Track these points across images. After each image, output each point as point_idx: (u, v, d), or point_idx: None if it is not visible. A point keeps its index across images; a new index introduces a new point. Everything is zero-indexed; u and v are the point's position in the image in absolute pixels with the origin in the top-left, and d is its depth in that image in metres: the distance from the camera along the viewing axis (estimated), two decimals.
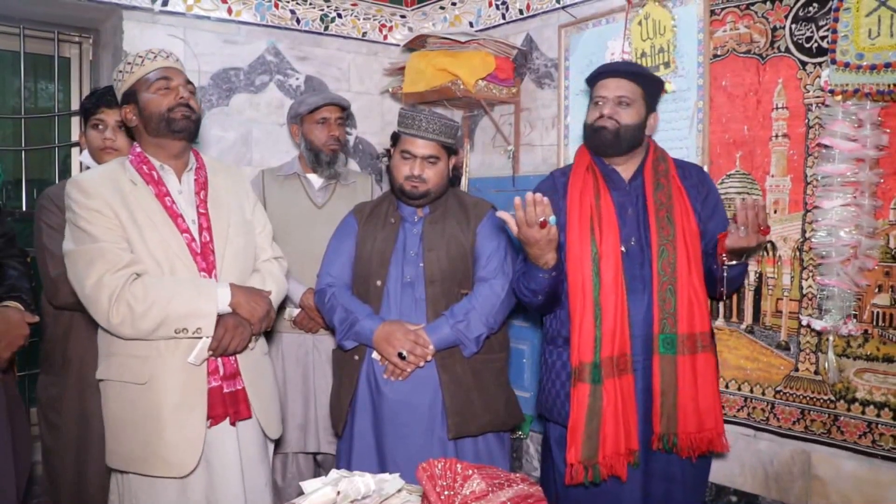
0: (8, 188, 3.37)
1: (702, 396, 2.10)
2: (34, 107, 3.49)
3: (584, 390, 2.09)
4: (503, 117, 3.44)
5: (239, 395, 2.10)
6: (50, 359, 2.50)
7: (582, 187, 2.23)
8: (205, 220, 2.11)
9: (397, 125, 2.46)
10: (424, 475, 1.36)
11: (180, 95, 2.05)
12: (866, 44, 2.11)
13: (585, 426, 2.08)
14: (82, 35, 3.42)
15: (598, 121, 2.20)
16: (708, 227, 2.20)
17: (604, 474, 2.08)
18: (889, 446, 2.19)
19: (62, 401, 2.45)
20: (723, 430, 2.12)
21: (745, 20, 2.50)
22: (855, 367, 2.26)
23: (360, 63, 3.73)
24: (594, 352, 2.10)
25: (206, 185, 2.17)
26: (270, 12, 3.41)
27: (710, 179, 2.35)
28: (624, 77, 2.21)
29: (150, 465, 2.00)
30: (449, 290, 2.43)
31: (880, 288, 2.21)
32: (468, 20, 3.57)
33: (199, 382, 2.02)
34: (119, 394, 2.04)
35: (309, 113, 2.94)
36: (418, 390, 2.38)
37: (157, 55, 2.10)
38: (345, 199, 2.97)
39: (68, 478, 2.45)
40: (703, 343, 2.11)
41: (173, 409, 1.99)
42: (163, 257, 2.01)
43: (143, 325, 1.93)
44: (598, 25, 2.96)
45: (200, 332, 1.98)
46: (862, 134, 2.18)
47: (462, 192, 2.62)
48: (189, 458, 2.00)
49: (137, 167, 2.07)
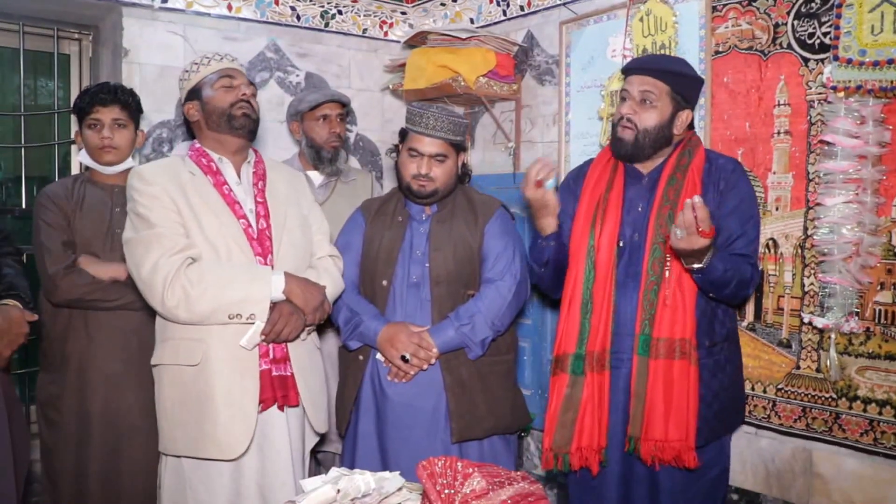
0: (8, 185, 3.37)
1: (675, 406, 2.03)
2: (34, 104, 3.48)
3: (564, 380, 2.13)
4: (504, 114, 3.43)
5: (288, 381, 2.12)
6: (48, 357, 2.49)
7: (597, 178, 2.23)
8: (262, 209, 2.16)
9: (405, 122, 2.43)
10: (424, 473, 1.36)
11: (242, 93, 2.13)
12: (869, 40, 2.10)
13: (560, 416, 2.11)
14: (82, 32, 3.41)
15: (619, 127, 2.17)
16: (723, 224, 2.10)
17: (575, 465, 2.10)
18: (891, 444, 2.18)
19: (61, 399, 2.44)
20: (693, 445, 2.03)
21: (747, 16, 2.49)
22: (857, 365, 2.25)
23: (361, 60, 3.71)
24: (577, 343, 2.12)
25: (265, 178, 2.23)
26: (270, 9, 3.40)
27: (741, 174, 2.19)
28: (649, 75, 2.15)
29: (202, 448, 2.02)
30: (455, 292, 2.39)
31: (882, 285, 2.20)
32: (469, 17, 3.56)
33: (251, 365, 2.05)
34: (173, 377, 2.06)
35: (310, 110, 2.94)
36: (422, 393, 2.35)
37: (224, 57, 2.18)
38: (345, 197, 2.96)
39: (68, 476, 2.45)
40: (684, 350, 2.04)
41: (226, 391, 2.01)
42: (220, 242, 2.05)
43: (197, 309, 1.96)
44: (599, 22, 2.95)
45: (253, 318, 2.00)
46: (864, 131, 2.16)
47: (471, 189, 2.57)
48: (240, 440, 2.01)
49: (196, 160, 2.15)
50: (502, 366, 2.45)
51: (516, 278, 2.38)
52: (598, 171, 2.27)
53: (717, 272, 1.98)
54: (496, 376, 2.43)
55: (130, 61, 3.11)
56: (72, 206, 2.46)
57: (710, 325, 2.13)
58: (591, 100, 2.96)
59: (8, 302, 2.06)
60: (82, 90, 2.62)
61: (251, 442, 2.03)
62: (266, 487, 2.08)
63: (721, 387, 2.14)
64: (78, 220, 2.46)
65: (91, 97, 2.49)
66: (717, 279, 2.00)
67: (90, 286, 2.39)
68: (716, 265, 1.98)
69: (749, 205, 2.16)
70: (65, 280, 2.36)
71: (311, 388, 2.17)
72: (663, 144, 2.18)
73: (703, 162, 2.16)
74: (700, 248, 1.89)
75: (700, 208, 1.83)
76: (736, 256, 2.07)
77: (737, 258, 2.07)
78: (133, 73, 3.11)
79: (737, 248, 2.10)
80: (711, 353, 2.13)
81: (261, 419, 2.07)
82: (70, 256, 2.41)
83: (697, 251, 1.91)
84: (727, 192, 2.13)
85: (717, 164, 2.18)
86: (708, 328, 2.12)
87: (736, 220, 2.11)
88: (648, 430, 2.05)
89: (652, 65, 2.20)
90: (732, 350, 2.23)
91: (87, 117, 2.50)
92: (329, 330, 2.86)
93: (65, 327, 2.43)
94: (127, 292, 2.38)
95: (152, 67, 3.15)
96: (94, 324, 2.45)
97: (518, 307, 2.43)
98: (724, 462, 2.24)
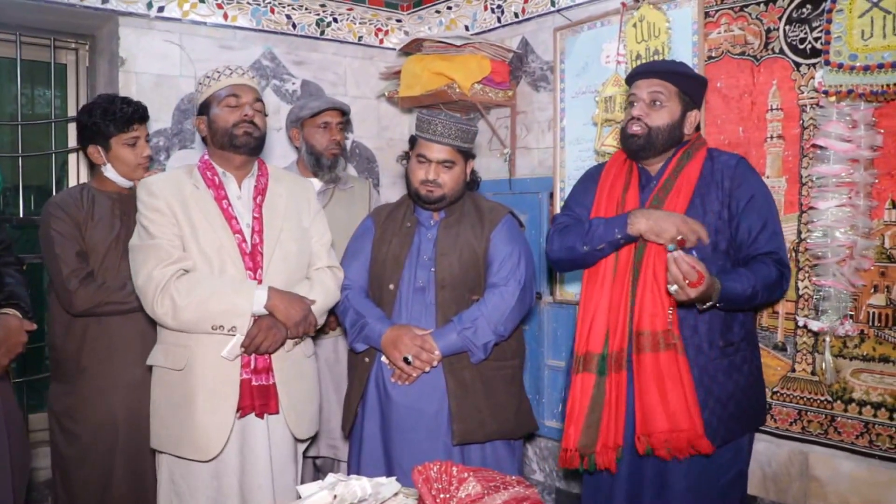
0: (6, 195, 3.37)
1: (671, 396, 2.03)
2: (31, 113, 3.49)
3: (590, 380, 2.13)
4: (499, 120, 3.44)
5: (270, 390, 2.20)
6: (62, 367, 2.48)
7: (613, 180, 2.25)
8: (257, 224, 2.23)
9: (415, 129, 2.45)
10: (420, 478, 1.36)
11: (245, 113, 2.20)
12: (860, 45, 2.12)
13: (587, 416, 2.11)
14: (79, 42, 3.42)
15: (629, 125, 2.18)
16: (741, 221, 2.10)
17: (600, 465, 2.11)
18: (886, 446, 2.19)
19: (79, 409, 2.44)
20: (702, 432, 2.01)
21: (739, 22, 2.51)
22: (851, 368, 2.26)
23: (357, 67, 3.73)
24: (604, 343, 2.13)
25: (265, 192, 2.29)
26: (266, 17, 3.41)
27: (746, 168, 2.16)
28: (657, 77, 2.17)
29: (181, 447, 2.15)
30: (460, 296, 2.40)
31: (876, 288, 2.21)
32: (464, 24, 3.58)
33: (231, 374, 2.14)
34: (162, 378, 2.21)
35: (311, 117, 2.95)
36: (426, 395, 2.36)
37: (234, 72, 2.26)
38: (343, 204, 2.97)
39: (92, 485, 2.44)
40: (668, 342, 2.04)
41: (206, 395, 2.12)
42: (214, 256, 2.15)
43: (183, 318, 2.08)
44: (593, 28, 2.97)
45: (235, 331, 2.09)
46: (856, 134, 2.18)
47: (480, 196, 2.58)
48: (215, 443, 2.12)
49: (202, 172, 2.25)
50: (507, 371, 2.45)
51: (521, 284, 2.39)
52: (614, 171, 2.29)
53: (735, 297, 2.00)
54: (500, 381, 2.43)
55: (127, 70, 3.13)
56: (83, 215, 2.47)
57: (728, 325, 2.12)
58: (585, 106, 2.98)
59: (7, 311, 2.07)
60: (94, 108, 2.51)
61: (226, 444, 2.14)
62: (246, 488, 2.18)
63: (737, 388, 2.12)
64: (90, 230, 2.47)
65: (130, 116, 2.48)
66: (739, 301, 2.02)
67: (104, 293, 2.40)
68: (731, 291, 1.98)
69: (764, 196, 2.14)
70: (81, 290, 2.37)
71: (293, 396, 2.25)
72: (674, 144, 2.18)
73: (701, 163, 2.15)
74: (699, 296, 1.91)
75: (682, 262, 1.87)
76: (758, 260, 2.07)
77: (758, 263, 2.06)
78: (130, 83, 3.13)
79: (759, 246, 2.08)
80: (726, 353, 2.11)
81: (241, 425, 2.17)
82: (85, 266, 2.42)
83: (700, 296, 1.92)
84: (736, 189, 2.11)
85: (720, 161, 2.16)
86: (723, 328, 2.11)
87: (754, 215, 2.09)
88: (650, 424, 2.05)
89: (658, 67, 2.23)
90: (750, 351, 2.20)
91: (119, 134, 2.48)
92: (324, 336, 2.87)
93: (80, 338, 2.43)
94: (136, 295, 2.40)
95: (149, 76, 3.16)
96: (110, 331, 2.45)
97: (522, 313, 2.43)
98: (740, 465, 2.19)
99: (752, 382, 2.20)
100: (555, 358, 3.18)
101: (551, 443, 3.17)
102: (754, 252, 2.09)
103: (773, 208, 2.15)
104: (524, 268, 2.42)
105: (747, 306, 2.09)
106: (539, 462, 3.25)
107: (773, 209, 2.15)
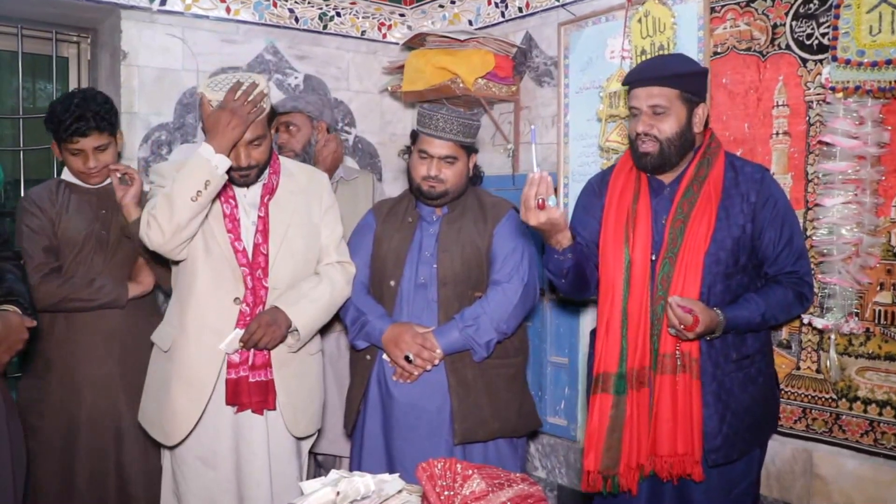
0: (7, 189, 3.36)
1: (680, 420, 2.01)
2: (32, 107, 3.47)
3: (608, 400, 2.07)
4: (503, 115, 3.43)
5: (268, 386, 2.20)
6: (29, 361, 2.48)
7: (622, 189, 2.17)
8: (262, 223, 2.23)
9: (416, 123, 2.41)
10: (424, 475, 1.35)
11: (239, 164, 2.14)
12: (867, 40, 2.10)
13: (607, 437, 2.06)
14: (80, 35, 3.40)
15: (638, 143, 2.09)
16: (765, 238, 2.06)
17: (624, 486, 2.06)
18: (891, 445, 2.18)
19: (44, 403, 2.43)
20: (699, 459, 2.01)
21: (746, 17, 2.49)
22: (857, 366, 2.25)
23: (360, 62, 3.71)
24: (619, 362, 2.07)
25: (273, 191, 2.28)
26: (269, 11, 3.40)
27: (771, 183, 2.12)
28: (654, 84, 2.06)
29: (153, 427, 2.23)
30: (462, 293, 2.38)
31: (882, 286, 2.20)
32: (467, 18, 3.56)
33: (210, 367, 2.16)
34: (154, 356, 2.29)
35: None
36: (428, 393, 2.35)
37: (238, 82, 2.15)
38: (346, 198, 2.95)
39: (54, 483, 2.43)
40: (685, 364, 2.02)
41: (180, 381, 2.16)
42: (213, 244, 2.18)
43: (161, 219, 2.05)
44: (597, 23, 2.95)
45: (210, 184, 2.04)
46: (863, 131, 2.17)
47: (483, 191, 2.55)
48: (178, 430, 2.17)
49: None
50: (510, 369, 2.43)
51: (524, 281, 2.36)
52: (622, 180, 2.18)
53: (742, 325, 2.04)
54: (503, 379, 2.41)
55: (129, 64, 3.11)
56: (56, 209, 2.46)
57: (741, 338, 2.08)
58: (589, 101, 2.96)
59: (7, 308, 2.06)
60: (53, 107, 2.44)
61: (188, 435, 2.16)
62: (243, 485, 2.19)
63: (753, 400, 2.10)
64: (63, 223, 2.46)
65: (69, 128, 2.38)
66: (749, 327, 2.06)
67: (67, 289, 2.41)
68: (737, 320, 2.01)
69: (787, 213, 2.11)
70: (42, 285, 2.37)
71: (292, 394, 2.25)
72: (688, 148, 2.10)
73: (722, 171, 2.08)
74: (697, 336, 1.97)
75: (676, 308, 1.91)
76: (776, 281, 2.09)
77: (774, 286, 2.09)
78: (132, 76, 3.11)
79: (782, 265, 2.08)
80: (741, 366, 2.09)
81: (238, 420, 2.19)
82: (51, 262, 2.42)
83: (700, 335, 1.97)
84: (761, 206, 2.06)
85: (744, 173, 2.09)
86: (737, 341, 2.08)
87: (776, 232, 2.07)
88: (658, 447, 2.04)
89: (653, 73, 2.09)
90: (765, 363, 2.19)
91: (65, 144, 2.43)
92: (329, 331, 2.86)
93: (48, 331, 2.43)
94: (104, 292, 2.44)
95: (151, 70, 3.15)
96: (76, 327, 2.45)
97: (526, 310, 2.41)
98: (751, 476, 2.17)
99: (767, 393, 2.19)
100: (557, 354, 3.17)
101: (554, 439, 3.17)
102: (775, 272, 2.09)
103: (796, 223, 2.13)
104: (528, 264, 2.39)
105: (762, 329, 2.11)
106: (542, 459, 3.25)
107: (796, 225, 2.13)
